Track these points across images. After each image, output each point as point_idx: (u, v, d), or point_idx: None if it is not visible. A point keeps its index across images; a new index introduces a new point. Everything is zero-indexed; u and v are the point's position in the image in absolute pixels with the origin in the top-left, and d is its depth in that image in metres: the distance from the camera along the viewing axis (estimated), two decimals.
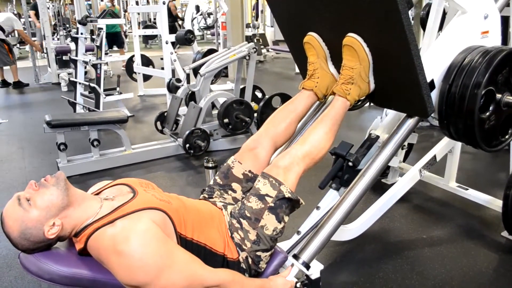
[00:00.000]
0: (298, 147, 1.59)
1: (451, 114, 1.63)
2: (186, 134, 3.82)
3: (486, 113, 1.62)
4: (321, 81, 1.79)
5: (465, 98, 1.56)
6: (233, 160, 1.71)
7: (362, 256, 2.41)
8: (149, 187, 1.51)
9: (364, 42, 1.58)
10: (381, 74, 1.62)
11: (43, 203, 1.26)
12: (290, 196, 1.47)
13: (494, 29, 1.72)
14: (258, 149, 1.72)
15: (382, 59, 1.57)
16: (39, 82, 8.22)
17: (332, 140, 1.63)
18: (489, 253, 2.39)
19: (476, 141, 1.65)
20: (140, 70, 6.59)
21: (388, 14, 1.38)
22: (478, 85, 1.54)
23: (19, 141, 4.76)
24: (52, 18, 11.82)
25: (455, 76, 1.59)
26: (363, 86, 1.65)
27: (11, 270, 2.32)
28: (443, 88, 1.63)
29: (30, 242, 1.26)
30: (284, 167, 1.51)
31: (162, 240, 1.25)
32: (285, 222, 1.49)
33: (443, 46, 1.67)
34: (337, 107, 1.65)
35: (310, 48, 1.79)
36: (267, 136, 1.75)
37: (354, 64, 1.61)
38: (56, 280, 1.26)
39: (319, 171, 1.81)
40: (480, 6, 1.68)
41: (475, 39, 1.69)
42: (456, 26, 1.69)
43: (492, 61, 1.54)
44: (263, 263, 1.47)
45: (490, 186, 3.01)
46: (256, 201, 1.47)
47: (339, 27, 1.63)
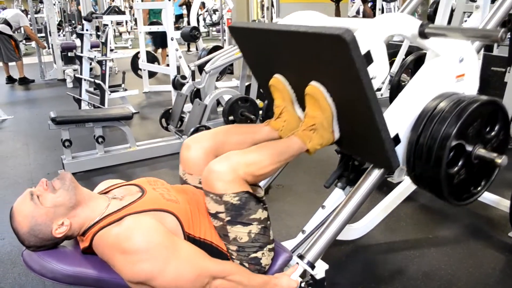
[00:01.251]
0: (237, 152, 1.45)
1: (419, 166, 1.50)
2: (191, 131, 3.81)
3: (455, 168, 1.49)
4: (287, 124, 1.67)
5: (432, 150, 1.43)
6: (183, 172, 1.64)
7: (368, 256, 2.39)
8: (158, 184, 1.51)
9: (327, 92, 1.49)
10: (346, 124, 1.54)
11: (52, 202, 1.28)
12: (238, 200, 1.37)
13: (471, 72, 1.60)
14: (193, 146, 1.60)
15: (346, 110, 1.50)
16: (45, 79, 8.24)
17: (273, 168, 1.48)
18: (496, 253, 2.37)
19: (443, 195, 1.52)
20: (145, 67, 6.58)
21: (347, 69, 1.31)
22: (447, 137, 1.41)
23: (24, 137, 4.77)
24: (57, 14, 11.85)
25: (425, 125, 1.46)
26: (326, 135, 1.55)
27: (15, 267, 2.32)
28: (412, 138, 1.50)
29: (37, 239, 1.27)
30: (219, 172, 1.37)
31: (165, 234, 1.25)
32: (258, 219, 1.41)
33: (414, 92, 1.54)
34: (292, 142, 1.55)
35: (276, 90, 1.69)
36: (211, 138, 1.63)
37: (315, 114, 1.52)
38: (59, 279, 1.26)
39: (324, 170, 1.80)
40: (454, 49, 1.56)
41: (449, 83, 1.56)
42: (429, 70, 1.55)
43: (463, 112, 1.41)
44: (265, 259, 1.44)
45: (498, 186, 2.96)
46: (214, 220, 1.42)
47: (304, 72, 1.56)
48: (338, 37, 1.19)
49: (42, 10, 12.27)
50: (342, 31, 1.19)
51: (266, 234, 1.44)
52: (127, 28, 14.88)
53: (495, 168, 1.60)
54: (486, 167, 1.55)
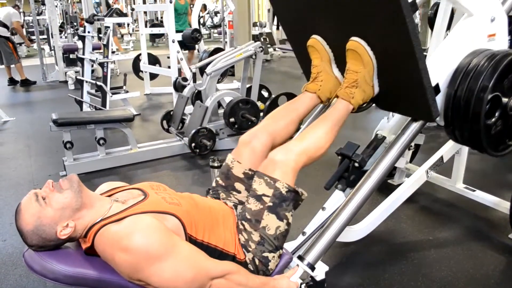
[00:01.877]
0: (295, 143, 1.56)
1: (457, 118, 1.59)
2: (192, 133, 3.82)
3: (492, 118, 1.58)
4: (325, 84, 1.75)
5: (470, 103, 1.52)
6: (231, 159, 1.68)
7: (368, 258, 2.40)
8: (160, 189, 1.52)
9: (368, 45, 1.55)
10: (386, 77, 1.60)
11: (59, 204, 1.29)
12: (288, 191, 1.44)
13: (501, 32, 1.69)
14: (254, 142, 1.67)
15: (387, 63, 1.55)
16: (47, 80, 8.26)
17: (331, 141, 1.59)
18: (496, 255, 2.37)
19: (482, 146, 1.61)
20: (146, 69, 6.60)
21: (393, 18, 1.36)
22: (484, 89, 1.50)
23: (25, 139, 4.79)
24: (59, 16, 11.88)
25: (461, 80, 1.56)
26: (368, 90, 1.62)
27: (17, 268, 2.33)
28: (449, 92, 1.59)
29: (41, 239, 1.28)
30: (280, 162, 1.47)
31: (165, 233, 1.26)
32: (288, 220, 1.46)
33: (449, 49, 1.64)
34: (340, 109, 1.63)
35: (314, 51, 1.77)
36: (265, 130, 1.71)
37: (358, 68, 1.58)
38: (60, 280, 1.26)
39: (325, 172, 1.81)
40: (486, 9, 1.64)
41: (481, 42, 1.65)
42: (462, 29, 1.65)
43: (498, 65, 1.50)
44: (272, 264, 1.45)
45: (498, 188, 2.98)
46: (254, 202, 1.45)
47: (343, 30, 1.61)
48: None
49: (44, 12, 12.30)
50: None
51: (285, 238, 1.49)
52: (128, 30, 14.91)
53: None
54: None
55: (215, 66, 4.09)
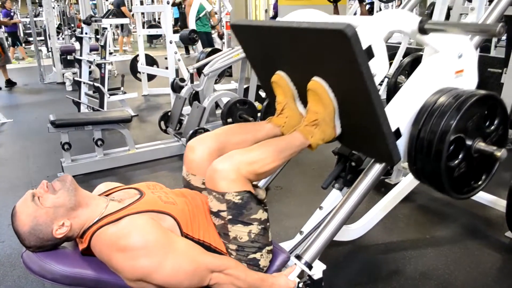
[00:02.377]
0: (240, 151, 1.47)
1: (420, 160, 1.52)
2: (190, 133, 3.82)
3: (455, 161, 1.50)
4: (290, 120, 1.68)
5: (433, 144, 1.45)
6: (186, 173, 1.65)
7: (365, 256, 2.41)
8: (156, 188, 1.53)
9: (329, 87, 1.50)
10: (347, 119, 1.55)
11: (52, 203, 1.29)
12: (240, 198, 1.38)
13: (469, 68, 1.61)
14: (199, 147, 1.61)
15: (347, 105, 1.51)
16: (44, 82, 8.25)
17: (276, 164, 1.48)
18: (493, 253, 2.38)
19: (445, 189, 1.54)
20: (144, 70, 6.59)
21: (349, 64, 1.32)
22: (446, 131, 1.42)
23: (23, 140, 4.78)
24: (57, 17, 11.87)
25: (425, 120, 1.48)
26: (328, 131, 1.56)
27: (15, 269, 2.33)
28: (413, 132, 1.51)
29: (38, 239, 1.28)
30: (222, 171, 1.39)
31: (162, 230, 1.28)
32: (260, 219, 1.42)
33: (414, 88, 1.56)
34: (294, 139, 1.56)
35: (278, 87, 1.71)
36: (215, 137, 1.65)
37: (318, 109, 1.53)
38: (58, 280, 1.27)
39: (322, 171, 1.82)
40: (453, 45, 1.57)
41: (448, 79, 1.57)
42: (428, 66, 1.57)
43: (462, 106, 1.42)
44: (264, 261, 1.46)
45: (494, 186, 2.96)
46: (214, 218, 1.44)
47: (305, 68, 1.57)
48: (340, 32, 1.21)
49: (42, 13, 12.28)
50: (343, 26, 1.20)
51: (266, 235, 1.45)
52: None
53: (495, 162, 1.61)
54: (486, 161, 1.57)
55: (212, 66, 4.09)
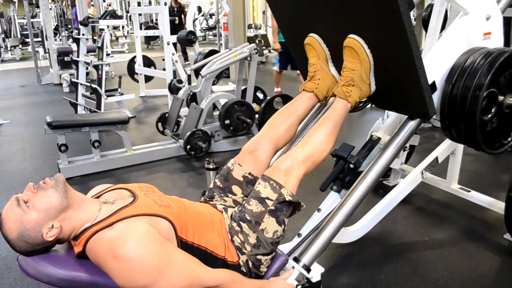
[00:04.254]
0: (299, 150, 1.57)
1: (453, 116, 1.61)
2: (187, 135, 3.81)
3: (488, 115, 1.60)
4: (322, 82, 1.77)
5: (467, 100, 1.54)
6: (233, 162, 1.70)
7: (363, 259, 2.40)
8: (150, 191, 1.50)
9: (365, 43, 1.56)
10: (383, 75, 1.60)
11: (42, 205, 1.25)
12: (291, 199, 1.46)
13: (496, 31, 1.70)
14: (258, 151, 1.70)
15: (384, 61, 1.56)
16: (41, 83, 8.23)
17: (333, 142, 1.62)
18: (491, 255, 2.38)
19: (478, 143, 1.62)
20: (141, 71, 6.59)
21: (390, 16, 1.37)
22: (480, 87, 1.52)
23: (20, 142, 4.76)
24: (54, 18, 11.85)
25: (457, 77, 1.57)
26: (364, 88, 1.63)
27: (11, 272, 2.32)
28: (445, 90, 1.60)
29: (28, 244, 1.25)
30: (285, 170, 1.50)
31: (160, 242, 1.24)
32: (285, 225, 1.48)
33: (445, 48, 1.65)
34: (338, 109, 1.64)
35: (311, 49, 1.78)
36: (268, 138, 1.74)
37: (355, 66, 1.59)
38: (54, 283, 1.25)
39: (320, 173, 1.81)
40: (482, 7, 1.66)
41: (477, 40, 1.66)
42: (458, 28, 1.66)
43: (494, 62, 1.52)
44: (264, 267, 1.46)
45: (493, 188, 3.00)
46: (256, 204, 1.45)
47: (340, 28, 1.61)
48: None
49: (39, 14, 12.27)
50: None
51: (278, 244, 1.50)
52: (123, 33, 14.89)
53: None
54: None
55: (210, 68, 4.08)
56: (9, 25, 15.76)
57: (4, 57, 12.60)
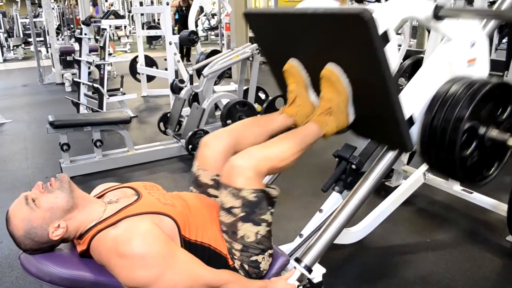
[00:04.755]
0: (258, 148, 1.49)
1: (433, 148, 1.52)
2: (189, 135, 3.81)
3: (468, 149, 1.50)
4: (301, 110, 1.69)
5: (446, 133, 1.45)
6: (197, 167, 1.64)
7: (365, 260, 2.39)
8: (154, 189, 1.51)
9: (343, 73, 1.50)
10: (361, 106, 1.56)
11: (49, 204, 1.27)
12: (255, 196, 1.39)
13: (482, 57, 1.60)
14: (214, 143, 1.62)
15: (361, 92, 1.51)
16: (43, 83, 8.24)
17: (295, 157, 1.50)
18: (493, 257, 2.37)
19: (459, 177, 1.55)
20: (143, 71, 6.59)
21: (365, 50, 1.32)
22: (460, 119, 1.42)
23: (22, 141, 4.77)
24: (56, 18, 11.87)
25: (438, 108, 1.48)
26: (342, 118, 1.57)
27: (13, 270, 2.32)
28: (426, 120, 1.50)
29: (34, 242, 1.27)
30: (240, 167, 1.40)
31: (163, 241, 1.25)
32: (267, 221, 1.43)
33: (427, 76, 1.56)
34: (310, 130, 1.57)
35: (290, 76, 1.70)
36: (230, 133, 1.65)
37: (332, 96, 1.53)
38: (56, 282, 1.26)
39: (322, 174, 1.81)
40: (466, 33, 1.57)
41: (461, 68, 1.57)
42: (441, 54, 1.57)
43: (476, 94, 1.42)
44: (264, 264, 1.44)
45: (495, 190, 2.98)
46: (225, 215, 1.42)
47: (319, 56, 1.57)
48: (357, 16, 1.21)
49: (41, 14, 12.28)
50: (360, 11, 1.21)
51: (269, 238, 1.45)
52: (125, 32, 14.89)
53: (507, 150, 1.62)
54: (498, 149, 1.58)
55: (212, 68, 4.09)
56: (11, 24, 15.79)
57: (7, 56, 12.62)
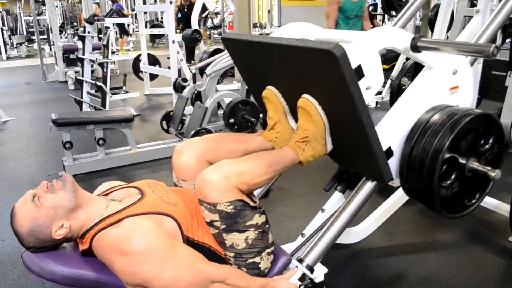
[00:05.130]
0: (230, 161, 1.44)
1: (412, 178, 1.50)
2: (192, 133, 3.81)
3: (448, 181, 1.48)
4: (281, 136, 1.66)
5: (425, 163, 1.42)
6: (176, 178, 1.64)
7: (367, 260, 2.39)
8: (157, 187, 1.52)
9: (319, 104, 1.48)
10: (338, 136, 1.54)
11: (52, 204, 1.29)
12: (233, 208, 1.34)
13: (465, 84, 1.59)
14: (186, 151, 1.61)
15: (338, 123, 1.49)
16: (47, 80, 8.26)
17: (266, 178, 1.45)
18: (495, 258, 2.37)
19: (436, 208, 1.52)
20: (146, 69, 6.60)
21: (338, 84, 1.30)
22: (439, 150, 1.39)
23: (25, 139, 4.78)
24: (59, 16, 11.89)
25: (417, 138, 1.46)
26: (319, 148, 1.54)
27: (15, 268, 2.32)
28: (405, 151, 1.49)
29: (37, 240, 1.28)
30: (212, 181, 1.34)
31: (164, 237, 1.26)
32: (256, 224, 1.40)
33: (407, 106, 1.53)
34: (285, 154, 1.53)
35: (269, 102, 1.68)
36: (204, 143, 1.64)
37: (308, 126, 1.51)
38: (58, 281, 1.26)
39: (324, 174, 1.80)
40: (447, 62, 1.54)
41: (442, 96, 1.55)
42: (421, 83, 1.54)
43: (456, 125, 1.39)
44: (264, 263, 1.44)
45: (498, 190, 2.95)
46: (210, 228, 1.41)
47: (296, 85, 1.55)
48: (328, 52, 1.19)
49: (45, 12, 12.31)
50: (332, 46, 1.18)
51: (264, 238, 1.43)
52: (128, 31, 14.89)
53: (489, 181, 1.58)
54: (480, 179, 1.53)
55: (215, 67, 4.09)
56: (15, 22, 15.82)
57: (10, 54, 12.65)
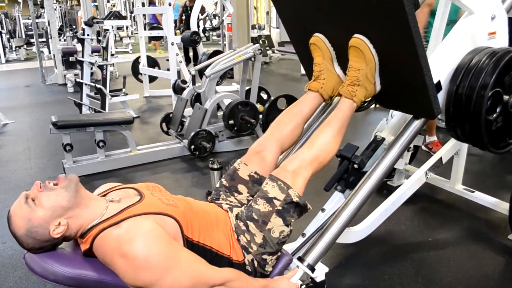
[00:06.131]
0: (306, 151, 1.58)
1: (458, 115, 1.62)
2: (192, 135, 3.82)
3: (493, 115, 1.61)
4: (327, 82, 1.78)
5: (471, 99, 1.55)
6: (239, 162, 1.71)
7: (367, 259, 2.40)
8: (156, 190, 1.52)
9: (371, 43, 1.56)
10: (388, 75, 1.61)
11: (48, 203, 1.28)
12: (298, 201, 1.46)
13: (501, 30, 1.71)
14: (264, 152, 1.72)
15: (389, 60, 1.56)
16: (46, 83, 8.25)
17: (339, 143, 1.63)
18: (495, 256, 2.38)
19: (483, 143, 1.64)
20: (146, 71, 6.60)
21: (395, 15, 1.37)
22: (485, 86, 1.53)
23: (25, 141, 4.79)
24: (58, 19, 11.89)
25: (462, 77, 1.58)
26: (369, 88, 1.64)
27: (16, 270, 2.33)
28: (450, 89, 1.61)
29: (35, 241, 1.27)
30: (293, 171, 1.50)
31: (166, 241, 1.26)
32: (291, 227, 1.48)
33: (451, 47, 1.66)
34: (344, 109, 1.65)
35: (316, 49, 1.78)
36: (273, 138, 1.76)
37: (360, 66, 1.60)
38: (61, 281, 1.26)
39: (324, 173, 1.81)
40: (487, 7, 1.67)
41: (482, 40, 1.67)
42: (463, 27, 1.67)
43: (499, 62, 1.53)
44: (269, 266, 1.47)
45: (497, 189, 2.99)
46: (264, 203, 1.46)
47: (346, 27, 1.62)
48: None
49: (43, 15, 12.31)
50: None
51: (283, 244, 1.51)
52: (127, 33, 14.91)
53: None
54: None
55: (214, 68, 4.09)
56: (14, 25, 15.82)
57: (9, 57, 12.65)
